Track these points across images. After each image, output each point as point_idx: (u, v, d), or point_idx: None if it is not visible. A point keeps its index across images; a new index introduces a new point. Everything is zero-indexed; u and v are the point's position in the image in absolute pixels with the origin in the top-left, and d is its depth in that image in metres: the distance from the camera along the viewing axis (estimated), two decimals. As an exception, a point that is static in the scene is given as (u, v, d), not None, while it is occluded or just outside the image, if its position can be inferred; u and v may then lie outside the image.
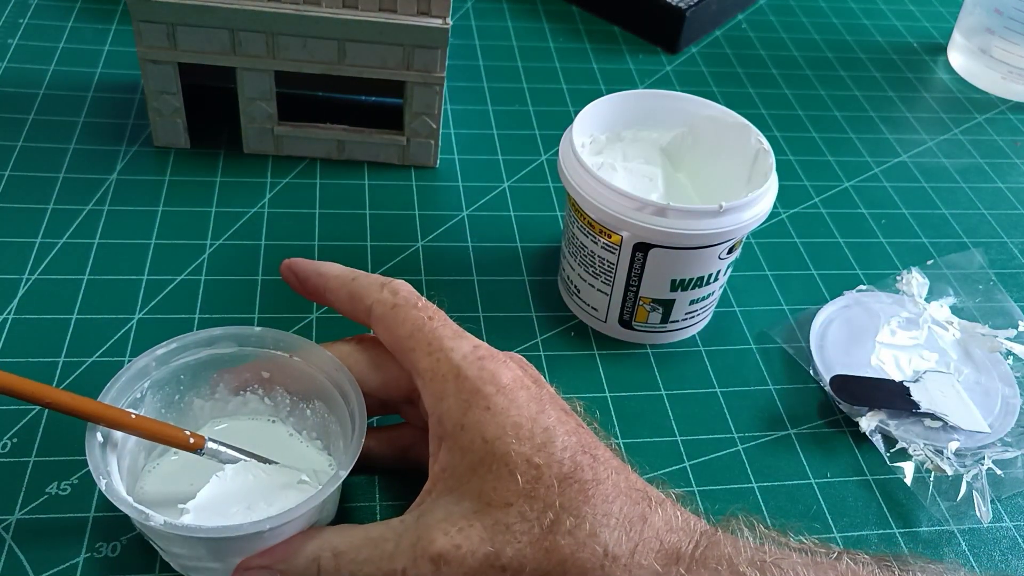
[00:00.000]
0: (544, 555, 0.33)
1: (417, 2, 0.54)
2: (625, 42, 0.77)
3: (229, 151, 0.60)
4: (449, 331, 0.37)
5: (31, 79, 0.64)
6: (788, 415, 0.49)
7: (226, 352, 0.40)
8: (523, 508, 0.33)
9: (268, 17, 0.53)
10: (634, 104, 0.53)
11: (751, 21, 0.83)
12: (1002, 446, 0.48)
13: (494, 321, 0.52)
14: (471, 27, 0.77)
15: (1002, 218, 0.64)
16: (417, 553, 0.34)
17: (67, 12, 0.71)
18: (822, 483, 0.46)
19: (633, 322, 0.51)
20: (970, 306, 0.56)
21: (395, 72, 0.56)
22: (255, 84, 0.57)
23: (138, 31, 0.54)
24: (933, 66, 0.80)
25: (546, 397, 0.37)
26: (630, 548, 0.33)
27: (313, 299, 0.41)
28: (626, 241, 0.46)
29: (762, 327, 0.53)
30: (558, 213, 0.60)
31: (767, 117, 0.71)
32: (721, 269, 0.49)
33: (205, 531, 0.34)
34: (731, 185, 0.51)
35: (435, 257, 0.55)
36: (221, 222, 0.55)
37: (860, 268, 0.58)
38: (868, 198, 0.64)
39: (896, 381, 0.50)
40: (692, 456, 0.46)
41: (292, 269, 0.41)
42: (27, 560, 0.38)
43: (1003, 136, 0.73)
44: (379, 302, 0.38)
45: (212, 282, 0.51)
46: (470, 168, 0.62)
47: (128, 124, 0.61)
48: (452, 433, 0.35)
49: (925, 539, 0.44)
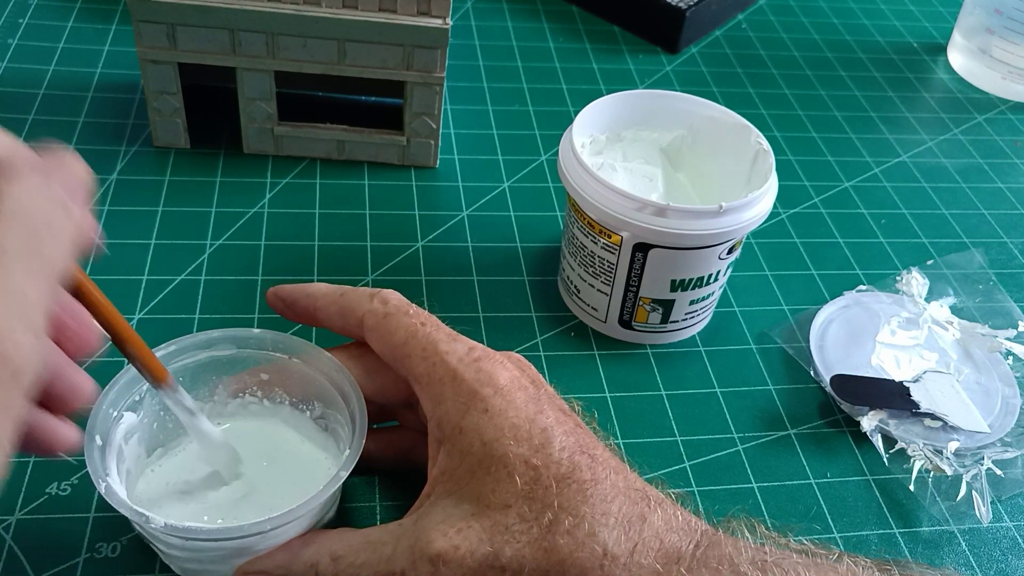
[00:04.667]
0: (543, 555, 0.33)
1: (417, 2, 0.54)
2: (625, 42, 0.77)
3: (229, 151, 0.60)
4: (443, 335, 0.37)
5: (31, 79, 0.64)
6: (788, 415, 0.49)
7: (225, 354, 0.40)
8: (522, 509, 0.33)
9: (268, 17, 0.53)
10: (634, 104, 0.53)
11: (751, 21, 0.83)
12: (1002, 446, 0.48)
13: (494, 321, 0.52)
14: (471, 27, 0.77)
15: (1002, 218, 0.64)
16: (416, 555, 0.34)
17: (67, 12, 0.71)
18: (822, 483, 0.46)
19: (633, 322, 0.51)
20: (970, 306, 0.56)
21: (395, 72, 0.56)
22: (255, 84, 0.57)
23: (138, 31, 0.54)
24: (933, 66, 0.80)
25: (544, 397, 0.37)
26: (629, 548, 0.33)
27: (303, 321, 0.41)
28: (626, 241, 0.46)
29: (762, 327, 0.53)
30: (558, 213, 0.60)
31: (767, 117, 0.71)
32: (721, 269, 0.49)
33: (205, 532, 0.34)
34: (731, 185, 0.51)
35: (435, 257, 0.55)
36: (221, 222, 0.55)
37: (860, 268, 0.58)
38: (868, 198, 0.64)
39: (896, 381, 0.50)
40: (692, 456, 0.46)
41: (278, 295, 0.41)
42: (27, 560, 0.38)
43: (1003, 136, 0.73)
44: (370, 313, 0.38)
45: (212, 282, 0.51)
46: (470, 168, 0.62)
47: (128, 124, 0.61)
48: (450, 436, 0.35)
49: (925, 539, 0.44)
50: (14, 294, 0.20)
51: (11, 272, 0.21)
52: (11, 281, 0.21)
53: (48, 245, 0.22)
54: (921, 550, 0.43)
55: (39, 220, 0.22)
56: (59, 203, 0.23)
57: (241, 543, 0.35)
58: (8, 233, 0.21)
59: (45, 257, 0.22)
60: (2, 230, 0.21)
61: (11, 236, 0.21)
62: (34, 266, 0.21)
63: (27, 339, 0.21)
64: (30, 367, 0.21)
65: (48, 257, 0.22)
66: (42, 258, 0.22)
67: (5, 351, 0.20)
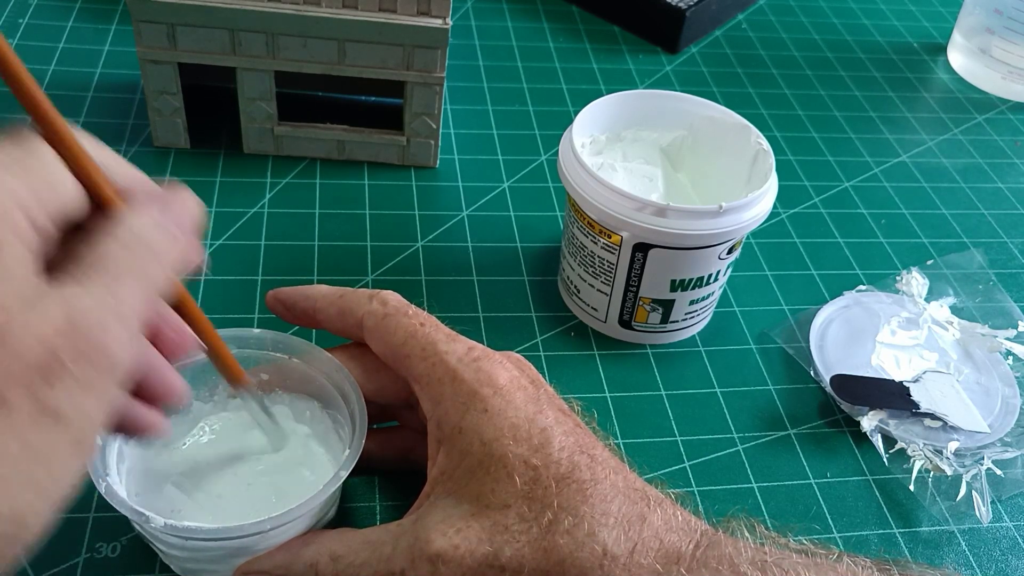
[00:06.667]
0: (543, 555, 0.33)
1: (417, 2, 0.54)
2: (625, 42, 0.77)
3: (229, 151, 0.60)
4: (442, 335, 0.37)
5: (31, 79, 0.64)
6: (788, 415, 0.49)
7: None
8: (521, 509, 0.33)
9: (268, 17, 0.53)
10: (634, 104, 0.53)
11: (751, 21, 0.83)
12: (1002, 446, 0.48)
13: (494, 321, 0.52)
14: (471, 27, 0.77)
15: (1002, 218, 0.64)
16: (415, 554, 0.34)
17: (67, 12, 0.71)
18: (822, 483, 0.46)
19: (633, 322, 0.51)
20: (970, 306, 0.56)
21: (395, 72, 0.56)
22: (255, 84, 0.57)
23: (138, 31, 0.54)
24: (933, 66, 0.80)
25: (543, 397, 0.37)
26: (629, 547, 0.33)
27: (303, 324, 0.42)
28: (626, 241, 0.46)
29: (762, 327, 0.53)
30: (558, 213, 0.60)
31: (767, 117, 0.71)
32: (721, 269, 0.49)
33: (205, 532, 0.34)
34: (731, 185, 0.51)
35: (435, 257, 0.55)
36: (221, 222, 0.55)
37: (860, 268, 0.58)
38: (868, 198, 0.64)
39: (896, 381, 0.50)
40: (692, 456, 0.46)
41: (278, 298, 0.41)
42: (27, 560, 0.38)
43: (1003, 136, 0.73)
44: (369, 314, 0.38)
45: (212, 282, 0.51)
46: (470, 168, 0.62)
47: (128, 124, 0.61)
48: (450, 436, 0.35)
49: (925, 539, 0.44)
50: (118, 301, 0.25)
51: (120, 284, 0.25)
52: (118, 290, 0.25)
53: (152, 267, 0.26)
54: (921, 550, 0.43)
55: (149, 246, 0.27)
56: (168, 233, 0.27)
57: (241, 543, 0.35)
58: (122, 253, 0.26)
59: (150, 276, 0.26)
60: (118, 249, 0.26)
61: (124, 255, 0.26)
62: (139, 282, 0.26)
63: (123, 336, 0.25)
64: (124, 359, 0.25)
65: (152, 277, 0.26)
66: (147, 277, 0.26)
67: (104, 343, 0.24)
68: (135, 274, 0.26)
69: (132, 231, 0.26)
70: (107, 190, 0.27)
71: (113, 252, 0.26)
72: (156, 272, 0.27)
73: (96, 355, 0.24)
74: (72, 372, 0.23)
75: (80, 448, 0.24)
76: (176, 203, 0.29)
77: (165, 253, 0.27)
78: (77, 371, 0.23)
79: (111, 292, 0.25)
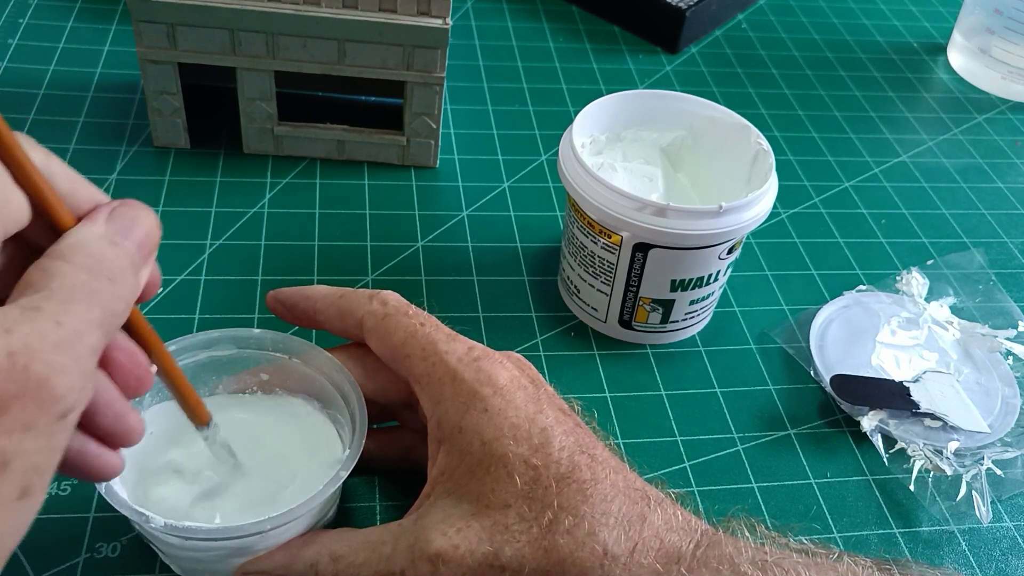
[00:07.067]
0: (543, 555, 0.33)
1: (417, 2, 0.54)
2: (625, 42, 0.77)
3: (229, 151, 0.60)
4: (442, 335, 0.37)
5: (31, 79, 0.64)
6: (788, 415, 0.49)
7: (225, 354, 0.40)
8: (522, 509, 0.33)
9: (268, 17, 0.53)
10: (634, 104, 0.53)
11: (751, 21, 0.83)
12: (1002, 446, 0.48)
13: (494, 321, 0.52)
14: (471, 27, 0.77)
15: (1002, 218, 0.64)
16: (415, 554, 0.34)
17: (67, 12, 0.71)
18: (822, 483, 0.46)
19: (633, 322, 0.51)
20: (970, 306, 0.56)
21: (395, 72, 0.56)
22: (255, 84, 0.57)
23: (138, 31, 0.54)
24: (933, 66, 0.80)
25: (543, 397, 0.37)
26: (629, 547, 0.33)
27: (303, 324, 0.42)
28: (626, 241, 0.46)
29: (762, 327, 0.53)
30: (558, 213, 0.60)
31: (767, 117, 0.71)
32: (721, 269, 0.49)
33: (205, 532, 0.34)
34: (731, 185, 0.51)
35: (435, 257, 0.55)
36: (221, 222, 0.55)
37: (860, 268, 0.58)
38: (868, 198, 0.64)
39: (896, 381, 0.50)
40: (692, 456, 0.46)
41: (278, 299, 0.41)
42: (27, 560, 0.38)
43: (1003, 136, 0.73)
44: (370, 314, 0.38)
45: (212, 282, 0.51)
46: (470, 168, 0.62)
47: (128, 124, 0.61)
48: (450, 436, 0.35)
49: (925, 539, 0.44)
50: (66, 330, 0.22)
51: (70, 312, 0.22)
52: (66, 317, 0.22)
53: (106, 290, 0.24)
54: (921, 550, 0.43)
55: (102, 265, 0.24)
56: (127, 258, 0.25)
57: (241, 543, 0.35)
58: (71, 274, 0.23)
59: (103, 301, 0.24)
60: (66, 270, 0.23)
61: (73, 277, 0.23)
62: (91, 308, 0.23)
63: (72, 369, 0.22)
64: (71, 396, 0.22)
65: (105, 301, 0.24)
66: (100, 302, 0.23)
67: (46, 378, 0.21)
68: (86, 298, 0.23)
69: (83, 250, 0.24)
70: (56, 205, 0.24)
71: (60, 273, 0.23)
72: (110, 296, 0.24)
73: (39, 392, 0.21)
74: (11, 412, 0.21)
75: (27, 497, 0.22)
76: (131, 219, 0.26)
77: (120, 274, 0.24)
78: (17, 411, 0.21)
79: (57, 320, 0.22)
